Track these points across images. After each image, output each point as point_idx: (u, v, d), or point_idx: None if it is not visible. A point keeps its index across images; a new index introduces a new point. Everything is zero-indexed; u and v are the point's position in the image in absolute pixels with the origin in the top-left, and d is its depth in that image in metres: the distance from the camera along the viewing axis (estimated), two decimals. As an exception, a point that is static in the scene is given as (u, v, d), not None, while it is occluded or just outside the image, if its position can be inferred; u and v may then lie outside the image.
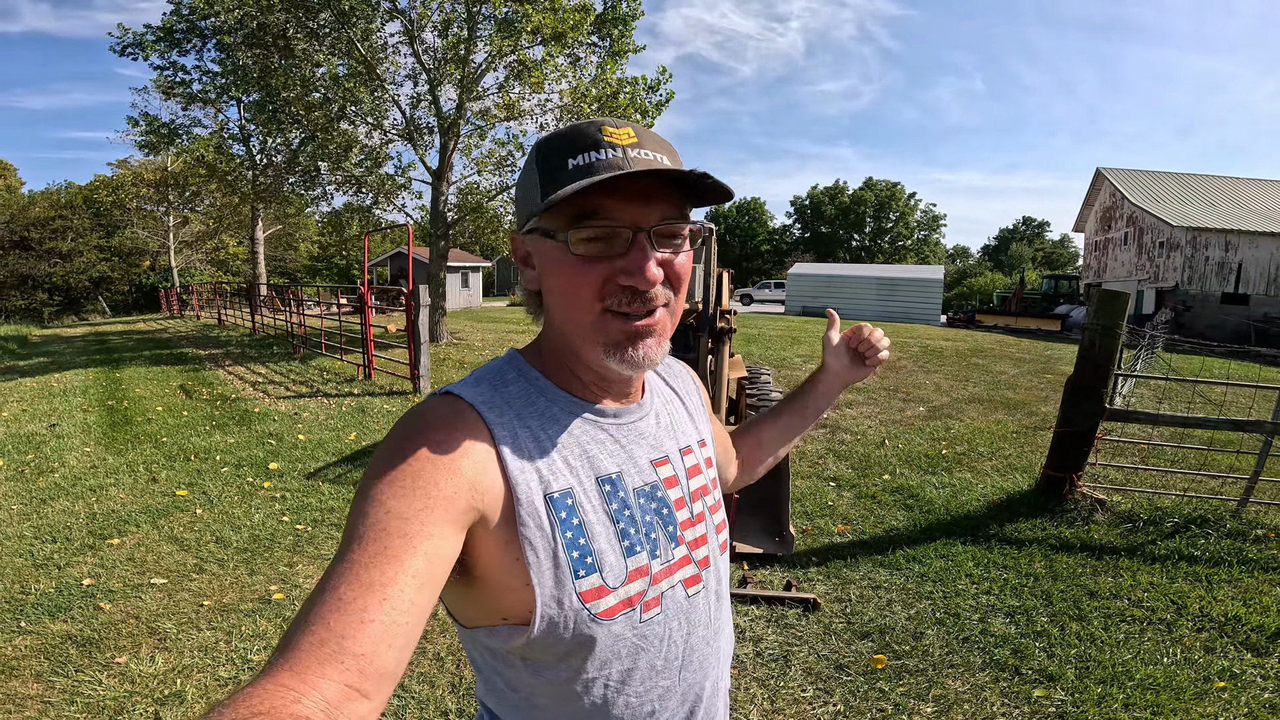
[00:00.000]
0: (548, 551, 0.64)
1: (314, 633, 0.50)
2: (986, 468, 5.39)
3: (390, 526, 0.56)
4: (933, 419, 7.25)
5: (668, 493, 0.76)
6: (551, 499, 0.66)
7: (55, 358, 13.04)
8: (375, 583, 0.53)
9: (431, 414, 0.66)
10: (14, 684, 2.60)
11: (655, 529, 0.73)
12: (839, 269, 30.21)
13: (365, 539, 0.55)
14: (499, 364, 0.75)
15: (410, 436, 0.63)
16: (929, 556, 3.63)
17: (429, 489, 0.59)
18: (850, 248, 56.24)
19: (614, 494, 0.71)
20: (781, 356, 11.64)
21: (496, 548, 0.63)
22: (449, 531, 0.59)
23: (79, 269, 34.27)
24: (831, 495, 4.64)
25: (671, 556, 0.74)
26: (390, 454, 0.61)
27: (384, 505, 0.57)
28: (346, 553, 0.55)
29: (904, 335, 16.80)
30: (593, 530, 0.67)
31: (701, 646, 0.77)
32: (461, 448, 0.63)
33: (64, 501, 4.79)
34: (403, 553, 0.55)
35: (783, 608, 3.07)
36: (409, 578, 0.54)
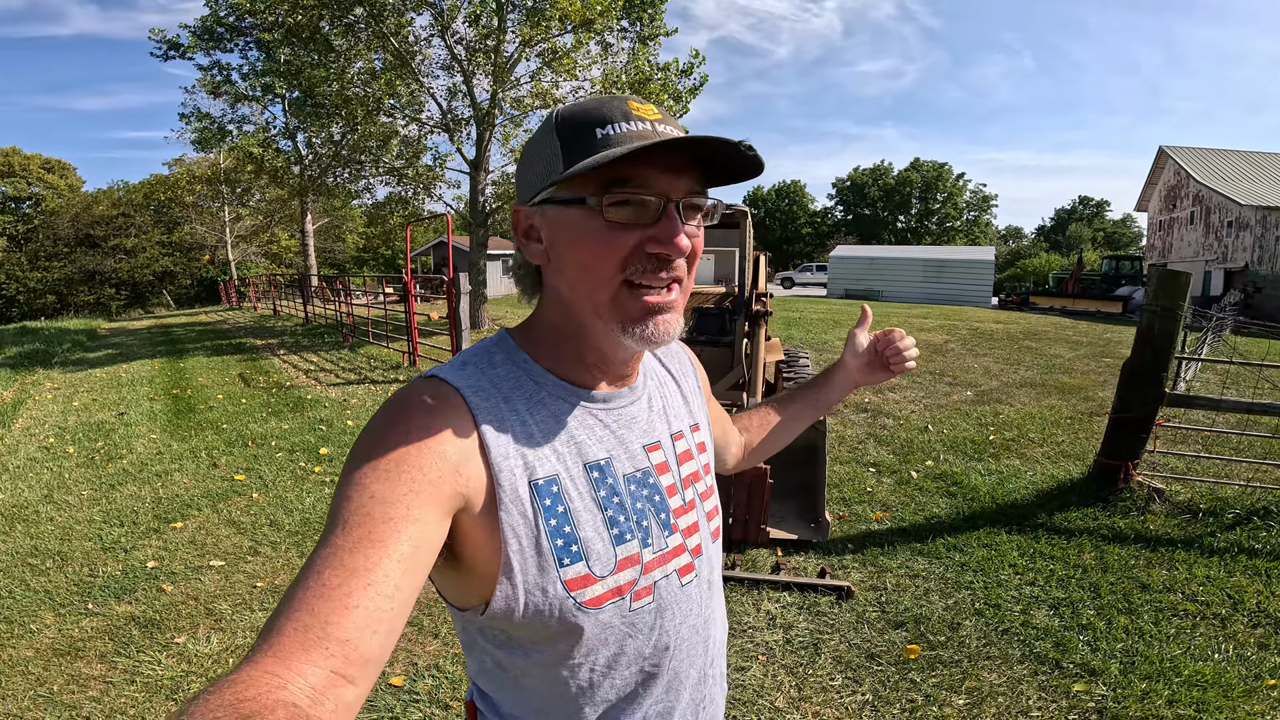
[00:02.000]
0: (530, 539, 0.63)
1: (298, 618, 0.50)
2: (1037, 455, 5.21)
3: (374, 511, 0.55)
4: (980, 404, 7.04)
5: (659, 479, 0.75)
6: (536, 486, 0.65)
7: (122, 349, 13.74)
8: (359, 568, 0.52)
9: (415, 398, 0.65)
10: (79, 665, 2.76)
11: (647, 516, 0.72)
12: (883, 251, 29.43)
13: (349, 524, 0.55)
14: (487, 345, 0.74)
15: (394, 421, 0.62)
16: (971, 545, 3.53)
17: (413, 473, 0.58)
18: (895, 230, 54.79)
19: (602, 481, 0.69)
20: (822, 340, 11.46)
21: (481, 534, 0.63)
22: (435, 516, 0.59)
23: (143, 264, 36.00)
24: (871, 481, 4.56)
25: (665, 545, 0.73)
26: (374, 438, 0.61)
27: (367, 490, 0.57)
28: (330, 537, 0.54)
29: (952, 318, 16.33)
30: (579, 518, 0.66)
31: (691, 635, 0.76)
32: (445, 432, 0.62)
33: (131, 486, 5.07)
34: (387, 537, 0.55)
35: (815, 595, 3.05)
36: (394, 563, 0.54)
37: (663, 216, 0.64)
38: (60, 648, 2.87)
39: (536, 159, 0.67)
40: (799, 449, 3.80)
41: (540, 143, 0.67)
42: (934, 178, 53.57)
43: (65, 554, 3.86)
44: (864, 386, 1.04)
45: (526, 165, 0.71)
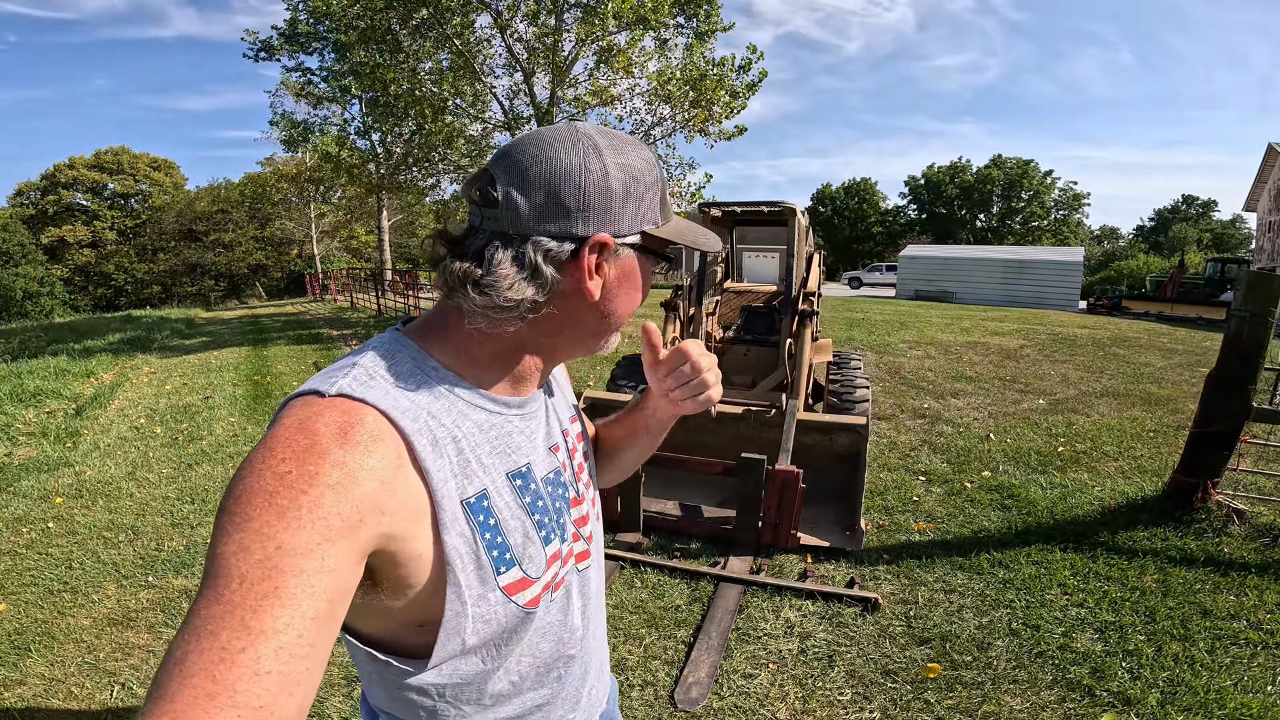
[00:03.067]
0: (471, 555, 0.63)
1: (197, 684, 0.44)
2: (1109, 469, 4.86)
3: (282, 564, 0.49)
4: (1053, 413, 6.62)
5: (564, 475, 0.78)
6: (468, 504, 0.64)
7: (215, 337, 14.76)
8: (266, 629, 0.47)
9: (326, 426, 0.56)
10: (128, 634, 2.97)
11: (563, 513, 0.76)
12: (958, 250, 28.09)
13: (249, 578, 0.48)
14: (385, 353, 0.66)
15: (301, 455, 0.54)
16: (1019, 562, 3.33)
17: (329, 519, 0.52)
18: (974, 229, 52.29)
19: (525, 487, 0.71)
20: (885, 342, 11.06)
21: (415, 561, 0.60)
22: (351, 562, 0.53)
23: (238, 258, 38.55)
24: (919, 490, 4.36)
25: (568, 536, 0.77)
26: (276, 476, 0.52)
27: (273, 540, 0.49)
28: (224, 591, 0.47)
29: (1031, 321, 15.42)
30: (508, 526, 0.67)
31: (595, 616, 0.83)
32: (368, 466, 0.55)
33: (206, 466, 5.43)
34: (299, 593, 0.49)
35: (840, 605, 2.94)
36: (307, 621, 0.49)
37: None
38: (116, 617, 3.10)
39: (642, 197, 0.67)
40: (840, 454, 3.68)
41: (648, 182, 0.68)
42: (1018, 175, 50.77)
43: (138, 528, 4.17)
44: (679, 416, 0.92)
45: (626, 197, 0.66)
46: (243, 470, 0.54)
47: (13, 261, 31.23)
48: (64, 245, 36.55)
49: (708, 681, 2.42)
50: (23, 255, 32.07)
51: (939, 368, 8.87)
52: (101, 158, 38.65)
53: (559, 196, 0.63)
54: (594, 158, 0.64)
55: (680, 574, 3.21)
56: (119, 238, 38.65)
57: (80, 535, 4.12)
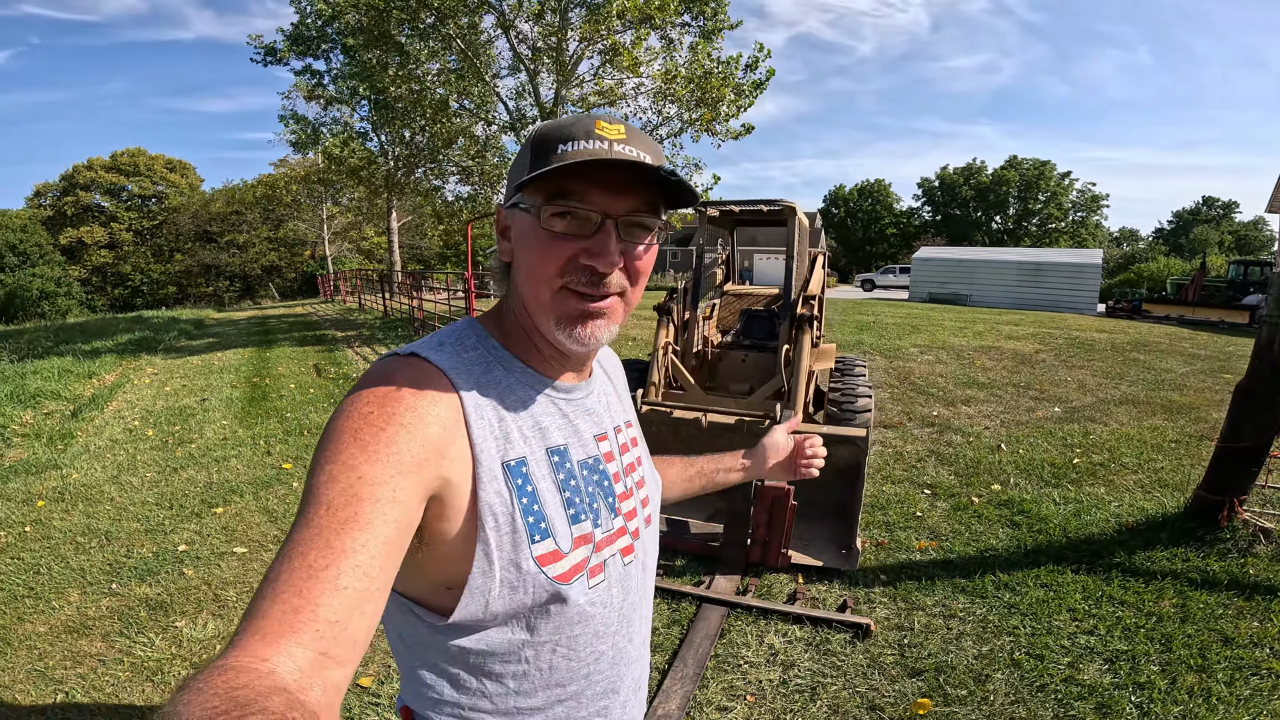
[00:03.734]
0: (506, 517, 0.66)
1: (285, 600, 0.49)
2: (1128, 482, 4.60)
3: (362, 492, 0.55)
4: (1069, 421, 6.36)
5: (606, 466, 0.80)
6: (508, 466, 0.68)
7: (221, 338, 14.76)
8: (347, 549, 0.52)
9: (402, 376, 0.65)
10: (82, 642, 2.84)
11: (597, 499, 0.77)
12: (972, 252, 27.62)
13: (334, 504, 0.54)
14: (458, 330, 0.76)
15: (382, 399, 0.62)
16: (1026, 584, 3.10)
17: (402, 454, 0.59)
18: (990, 231, 51.64)
19: (561, 465, 0.74)
20: (895, 346, 10.79)
21: (455, 514, 0.64)
22: (416, 499, 0.59)
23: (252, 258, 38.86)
24: (923, 504, 4.13)
25: (611, 526, 0.78)
26: (361, 415, 0.60)
27: (355, 470, 0.56)
28: (314, 517, 0.54)
29: (1047, 325, 15.05)
30: (544, 497, 0.70)
31: (631, 613, 0.81)
32: (434, 413, 0.63)
33: (190, 471, 5.31)
34: (375, 519, 0.55)
35: (829, 630, 2.73)
36: (380, 544, 0.54)
37: (598, 232, 0.68)
38: (72, 625, 2.97)
39: (516, 166, 0.74)
40: (839, 467, 3.47)
41: (521, 151, 0.73)
42: (1034, 176, 50.06)
43: (111, 534, 4.04)
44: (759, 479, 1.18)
45: (511, 170, 0.76)
46: (335, 414, 0.62)
47: (30, 262, 31.66)
48: (82, 246, 37.02)
49: (678, 715, 2.23)
50: (40, 256, 32.50)
51: (950, 373, 8.60)
52: (119, 159, 39.12)
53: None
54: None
55: (661, 593, 3.02)
56: (136, 239, 39.10)
57: (54, 540, 4.00)
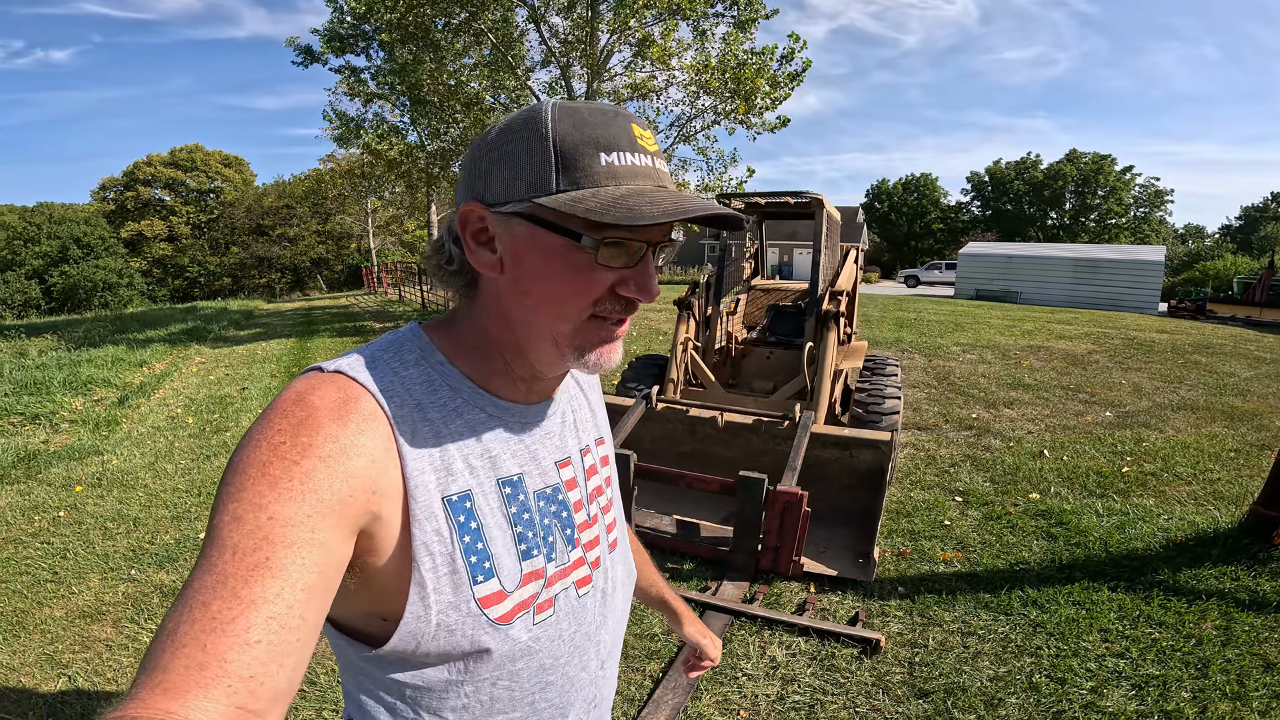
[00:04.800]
0: (445, 557, 0.60)
1: (188, 654, 0.44)
2: (1180, 494, 4.29)
3: (273, 535, 0.49)
4: (1120, 427, 6.00)
5: (568, 495, 0.74)
6: (449, 502, 0.61)
7: (268, 329, 15.20)
8: (257, 598, 0.47)
9: (322, 400, 0.57)
10: (94, 628, 2.89)
11: (553, 532, 0.71)
12: (1024, 248, 26.54)
13: (241, 549, 0.48)
14: (398, 341, 0.67)
15: (296, 427, 0.54)
16: (1057, 601, 2.89)
17: (320, 491, 0.52)
18: (1044, 227, 49.67)
19: (514, 496, 0.67)
20: (937, 344, 10.41)
21: (388, 551, 0.59)
22: (340, 537, 0.53)
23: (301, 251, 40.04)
24: (953, 513, 3.91)
25: (567, 559, 0.72)
26: (270, 447, 0.53)
27: (265, 510, 0.50)
28: (217, 562, 0.48)
29: (1104, 324, 14.32)
30: (490, 534, 0.64)
31: (585, 642, 0.76)
32: (359, 444, 0.56)
33: (223, 458, 5.42)
34: (290, 564, 0.49)
35: (836, 644, 2.58)
36: (299, 591, 0.49)
37: (640, 261, 0.62)
38: (88, 610, 3.03)
39: (513, 158, 0.59)
40: (862, 472, 3.31)
41: (522, 140, 0.59)
42: (1093, 171, 47.87)
43: (139, 520, 4.14)
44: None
45: (496, 158, 0.60)
46: (242, 442, 0.55)
47: (94, 254, 33.24)
48: (142, 239, 38.70)
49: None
50: (104, 248, 34.11)
51: (994, 373, 8.24)
52: (177, 155, 40.74)
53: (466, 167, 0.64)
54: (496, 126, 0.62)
55: (666, 599, 2.90)
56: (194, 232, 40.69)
57: (85, 525, 4.11)
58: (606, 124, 0.59)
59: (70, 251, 32.43)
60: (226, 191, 41.64)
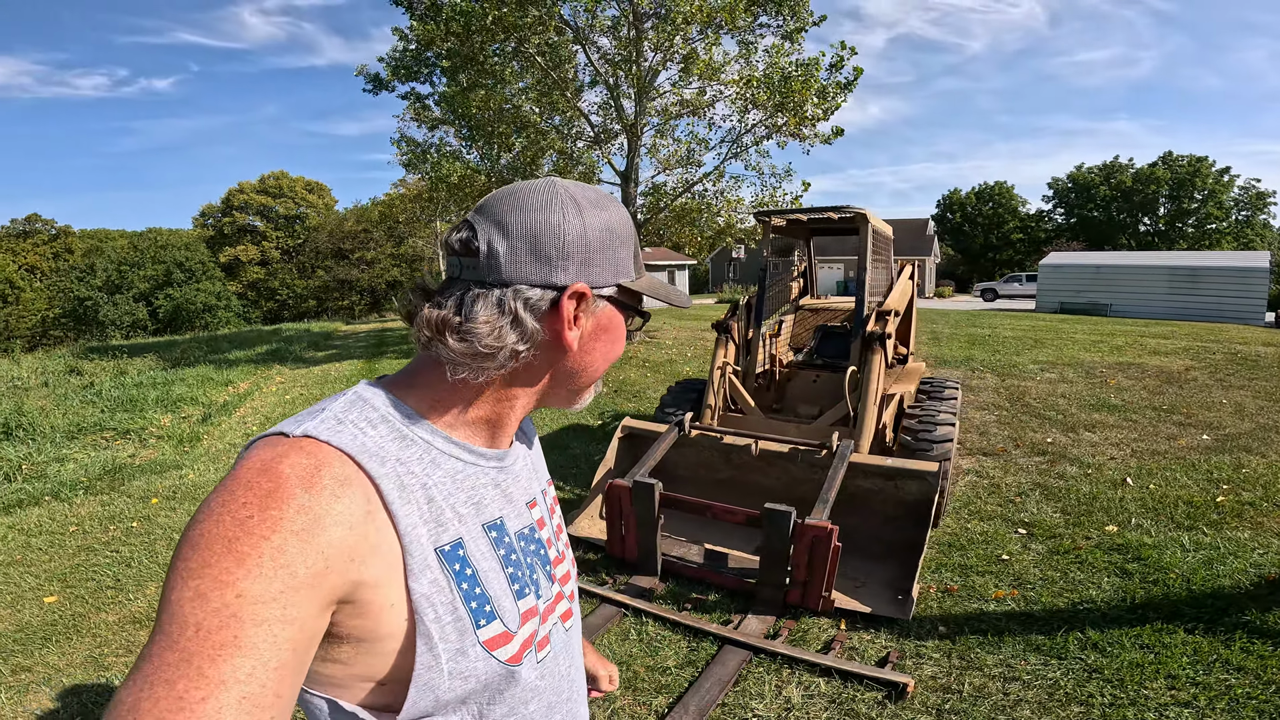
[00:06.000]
0: (447, 606, 0.60)
1: None
2: (1278, 526, 3.82)
3: (243, 613, 0.47)
4: (1219, 452, 5.44)
5: (540, 533, 0.76)
6: (443, 552, 0.62)
7: (342, 350, 15.96)
8: (226, 678, 0.45)
9: (291, 468, 0.54)
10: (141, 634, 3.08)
11: (536, 569, 0.73)
12: (1113, 257, 24.84)
13: (206, 626, 0.46)
14: (354, 401, 0.64)
15: (264, 499, 0.52)
16: (1121, 644, 2.60)
17: (293, 566, 0.50)
18: (1137, 234, 46.48)
19: (500, 539, 0.69)
20: (1011, 363, 9.80)
21: (379, 611, 0.57)
22: (315, 611, 0.52)
23: (378, 274, 42.00)
24: (1014, 546, 3.60)
25: (550, 595, 0.74)
26: (236, 521, 0.50)
27: (233, 587, 0.48)
28: (179, 640, 0.46)
29: (1204, 338, 13.15)
30: (486, 578, 0.65)
31: (576, 675, 0.79)
32: (335, 512, 0.54)
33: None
34: (261, 643, 0.47)
35: (860, 687, 2.38)
36: (270, 670, 0.47)
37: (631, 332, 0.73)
38: (138, 617, 3.20)
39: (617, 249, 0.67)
40: (907, 503, 3.11)
41: (625, 237, 0.68)
42: (1189, 174, 44.53)
43: (201, 532, 4.36)
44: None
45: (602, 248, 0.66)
46: (200, 515, 0.52)
47: (195, 278, 35.92)
48: (239, 263, 41.56)
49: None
50: (204, 272, 36.80)
51: (1075, 394, 7.67)
52: (265, 182, 43.74)
53: (539, 246, 0.63)
54: (572, 212, 0.64)
55: (684, 629, 2.80)
56: (283, 256, 43.41)
57: (153, 536, 4.36)
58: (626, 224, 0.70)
59: (174, 275, 35.21)
60: (310, 216, 44.29)
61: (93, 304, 32.91)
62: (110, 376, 11.81)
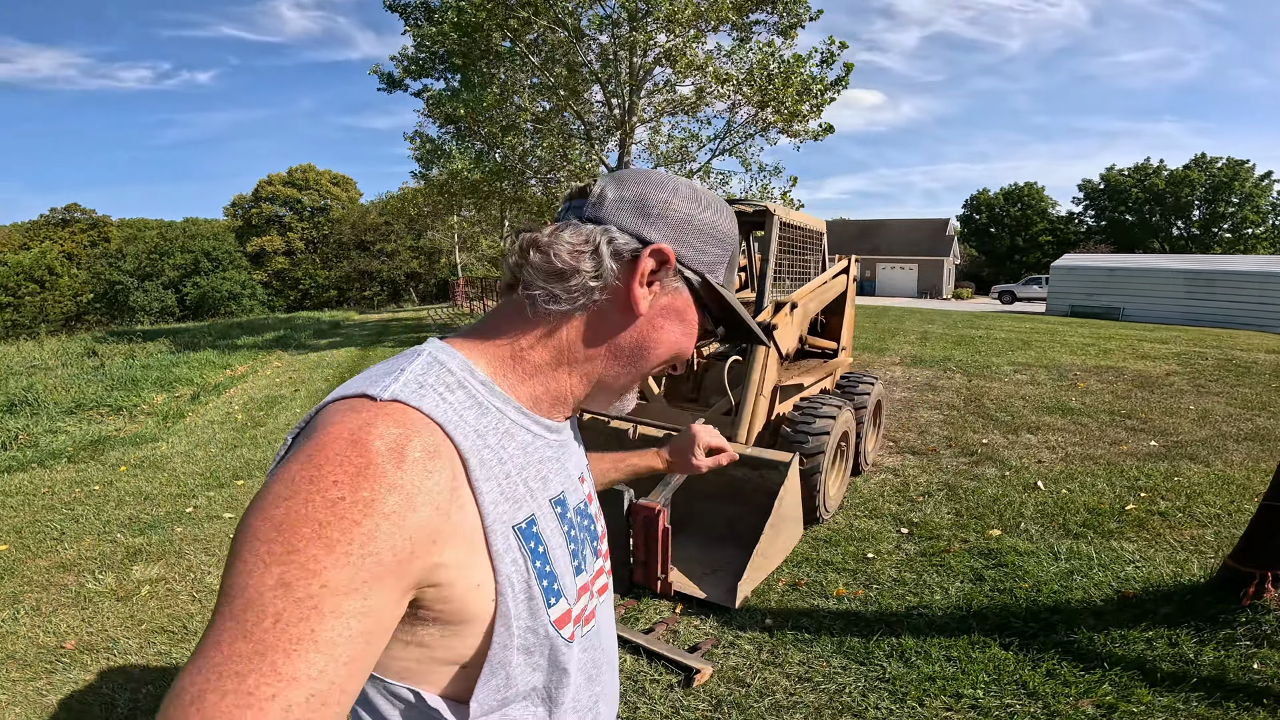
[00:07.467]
0: (523, 585, 0.59)
1: None
2: (1182, 539, 3.82)
3: (324, 605, 0.45)
4: (1159, 459, 5.43)
5: (590, 507, 0.76)
6: (519, 530, 0.60)
7: (346, 338, 16.39)
8: (300, 676, 0.43)
9: (383, 441, 0.50)
10: (64, 577, 3.43)
11: (586, 544, 0.72)
12: (1128, 260, 24.24)
13: (286, 618, 0.43)
14: (430, 362, 0.61)
15: (356, 476, 0.48)
16: (928, 655, 2.57)
17: (381, 553, 0.47)
18: (1170, 238, 45.16)
19: (564, 515, 0.68)
20: (987, 363, 9.76)
21: (462, 593, 0.55)
22: (394, 598, 0.49)
23: (397, 266, 42.72)
24: (886, 545, 3.67)
25: (594, 569, 0.74)
26: (327, 502, 0.47)
27: (318, 576, 0.45)
28: (254, 630, 0.43)
29: (1207, 343, 12.84)
30: (554, 554, 0.64)
31: (611, 647, 0.79)
32: (426, 489, 0.51)
33: (244, 449, 5.99)
34: (338, 638, 0.45)
35: (662, 668, 2.51)
36: (340, 667, 0.45)
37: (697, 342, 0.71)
38: (66, 564, 3.57)
39: (711, 243, 0.68)
40: (769, 491, 3.24)
41: (722, 237, 0.69)
42: (1226, 177, 43.05)
43: (150, 496, 4.69)
44: (680, 472, 1.16)
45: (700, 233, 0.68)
46: (281, 489, 0.48)
47: (221, 267, 37.01)
48: (264, 253, 42.67)
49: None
50: (230, 261, 37.91)
51: (1037, 395, 7.66)
52: (293, 174, 44.79)
53: (644, 203, 0.65)
54: (687, 197, 0.67)
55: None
56: (307, 247, 44.43)
57: (109, 498, 4.70)
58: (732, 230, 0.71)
59: (201, 264, 36.39)
60: (334, 209, 45.25)
61: (124, 290, 34.19)
62: (122, 359, 12.36)
